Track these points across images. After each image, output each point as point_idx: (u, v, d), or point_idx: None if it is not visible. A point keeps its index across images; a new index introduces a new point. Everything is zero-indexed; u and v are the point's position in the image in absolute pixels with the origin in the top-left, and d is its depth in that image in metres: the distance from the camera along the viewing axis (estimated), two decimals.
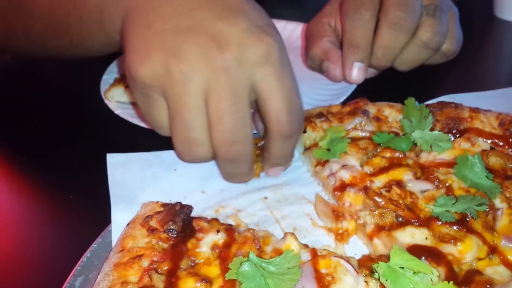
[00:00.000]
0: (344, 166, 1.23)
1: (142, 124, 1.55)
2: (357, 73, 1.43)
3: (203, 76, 1.06)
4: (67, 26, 1.43)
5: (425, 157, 1.26)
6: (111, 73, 1.80)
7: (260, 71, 1.08)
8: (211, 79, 1.06)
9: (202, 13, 1.10)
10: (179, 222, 1.09)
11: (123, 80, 1.68)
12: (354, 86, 1.69)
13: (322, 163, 1.28)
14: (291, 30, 2.08)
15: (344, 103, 1.44)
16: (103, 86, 1.72)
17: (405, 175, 1.19)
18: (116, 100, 1.66)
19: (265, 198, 1.26)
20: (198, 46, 1.06)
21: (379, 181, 1.19)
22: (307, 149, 1.34)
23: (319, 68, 1.62)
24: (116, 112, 1.62)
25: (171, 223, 1.09)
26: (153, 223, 1.10)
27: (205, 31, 1.08)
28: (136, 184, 1.28)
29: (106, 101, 1.66)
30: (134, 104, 1.61)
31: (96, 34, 1.37)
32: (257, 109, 1.16)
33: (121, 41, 1.21)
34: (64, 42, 1.48)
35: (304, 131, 1.35)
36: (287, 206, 1.24)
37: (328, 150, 1.29)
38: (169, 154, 1.35)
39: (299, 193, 1.28)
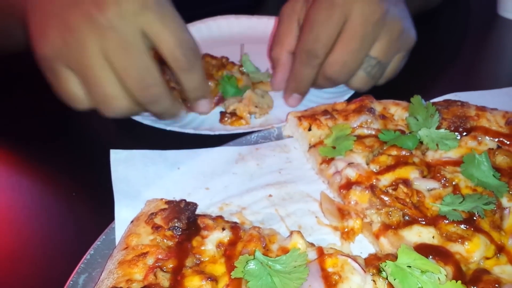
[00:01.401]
0: (350, 164, 1.22)
1: (145, 121, 1.54)
2: (293, 101, 1.59)
3: (95, 39, 1.21)
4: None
5: (431, 156, 1.25)
6: None
7: (142, 19, 1.22)
8: (103, 40, 1.22)
9: None
10: (184, 220, 1.08)
11: None
12: None
13: (327, 160, 1.27)
14: None
15: (349, 101, 1.43)
16: None
17: (411, 173, 1.18)
18: None
19: (270, 195, 1.25)
20: (82, 14, 1.22)
21: (385, 179, 1.18)
22: (312, 146, 1.33)
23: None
24: None
25: (176, 220, 1.07)
26: (158, 220, 1.09)
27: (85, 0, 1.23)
28: (139, 181, 1.27)
29: None
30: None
31: (17, 26, 1.53)
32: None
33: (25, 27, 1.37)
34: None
35: (309, 129, 1.34)
36: (292, 204, 1.23)
37: (334, 147, 1.28)
38: (172, 153, 1.34)
39: (304, 191, 1.26)
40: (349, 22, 1.42)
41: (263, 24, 2.11)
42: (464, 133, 1.29)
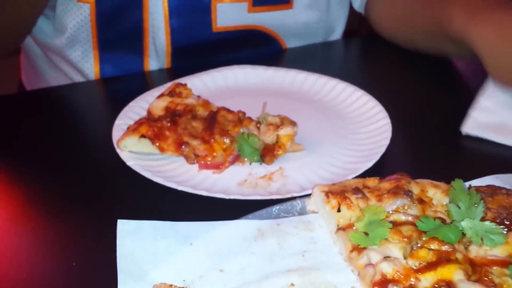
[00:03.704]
0: (386, 258, 1.08)
1: (155, 179, 1.42)
2: None
3: None
4: None
5: (475, 251, 1.12)
6: (124, 118, 1.67)
7: None
8: None
9: None
10: None
11: (139, 127, 1.55)
12: (383, 150, 1.57)
13: (359, 249, 1.13)
14: (312, 82, 1.95)
15: (382, 177, 1.30)
16: (116, 133, 1.59)
17: (455, 274, 1.04)
18: (129, 149, 1.53)
19: (292, 284, 1.12)
20: None
21: (426, 280, 1.04)
22: (340, 229, 1.20)
23: None
24: (128, 163, 1.48)
25: None
26: None
27: None
28: (147, 257, 1.13)
29: (118, 150, 1.53)
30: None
31: None
32: None
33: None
34: None
35: (338, 210, 1.22)
36: None
37: (366, 233, 1.15)
38: (185, 226, 1.21)
39: (331, 282, 1.13)
40: None
41: (281, 76, 1.99)
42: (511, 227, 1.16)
